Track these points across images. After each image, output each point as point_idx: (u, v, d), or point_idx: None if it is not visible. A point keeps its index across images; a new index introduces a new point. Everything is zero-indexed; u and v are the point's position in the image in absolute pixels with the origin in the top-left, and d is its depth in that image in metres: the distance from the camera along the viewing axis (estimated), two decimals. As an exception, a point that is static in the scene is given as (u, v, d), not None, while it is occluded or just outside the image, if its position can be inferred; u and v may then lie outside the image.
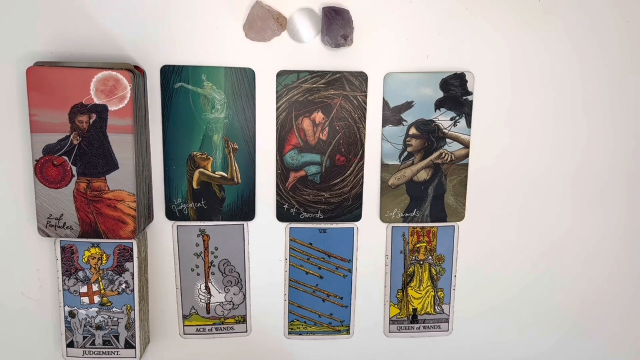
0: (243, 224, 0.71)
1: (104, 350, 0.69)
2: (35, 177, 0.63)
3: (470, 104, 0.69)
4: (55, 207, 0.64)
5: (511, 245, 0.74)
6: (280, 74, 0.67)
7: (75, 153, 0.63)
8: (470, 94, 0.69)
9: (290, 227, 0.71)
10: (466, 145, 0.70)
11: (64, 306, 0.68)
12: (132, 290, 0.68)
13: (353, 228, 0.72)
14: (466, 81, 0.69)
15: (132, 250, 0.67)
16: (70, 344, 0.69)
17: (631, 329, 0.79)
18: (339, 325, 0.74)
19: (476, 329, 0.77)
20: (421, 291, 0.74)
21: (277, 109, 0.68)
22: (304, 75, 0.67)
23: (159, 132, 0.67)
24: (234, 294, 0.73)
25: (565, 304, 0.77)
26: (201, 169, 0.68)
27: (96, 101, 0.62)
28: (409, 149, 0.70)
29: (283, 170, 0.70)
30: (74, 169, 0.63)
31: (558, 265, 0.76)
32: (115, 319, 0.69)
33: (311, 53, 0.67)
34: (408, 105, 0.69)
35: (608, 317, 0.78)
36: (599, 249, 0.76)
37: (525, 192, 0.73)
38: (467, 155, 0.71)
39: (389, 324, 0.75)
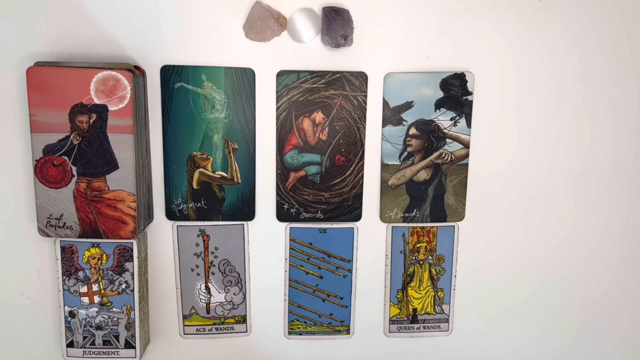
0: (243, 224, 0.71)
1: (104, 350, 0.69)
2: (35, 177, 0.63)
3: (470, 104, 0.69)
4: (55, 207, 0.64)
5: (511, 245, 0.74)
6: (280, 74, 0.67)
7: (75, 153, 0.63)
8: (470, 94, 0.69)
9: (290, 227, 0.71)
10: (466, 145, 0.70)
11: (64, 306, 0.68)
12: (132, 290, 0.68)
13: (353, 228, 0.72)
14: (466, 81, 0.69)
15: (132, 250, 0.67)
16: (70, 344, 0.69)
17: (635, 331, 0.79)
18: (339, 325, 0.74)
19: (476, 329, 0.77)
20: (421, 291, 0.74)
21: (277, 109, 0.68)
22: (304, 75, 0.67)
23: (159, 132, 0.68)
24: (234, 294, 0.73)
25: (566, 303, 0.77)
26: (201, 169, 0.69)
27: (96, 101, 0.62)
28: (409, 149, 0.70)
29: (283, 170, 0.70)
30: (74, 169, 0.63)
31: (559, 264, 0.76)
32: (115, 319, 0.69)
33: (311, 53, 0.67)
34: (408, 105, 0.69)
35: (607, 316, 0.78)
36: (601, 248, 0.76)
37: (525, 192, 0.73)
38: (467, 155, 0.71)
39: (389, 324, 0.75)
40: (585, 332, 0.79)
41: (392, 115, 0.69)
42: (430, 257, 0.74)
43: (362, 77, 0.68)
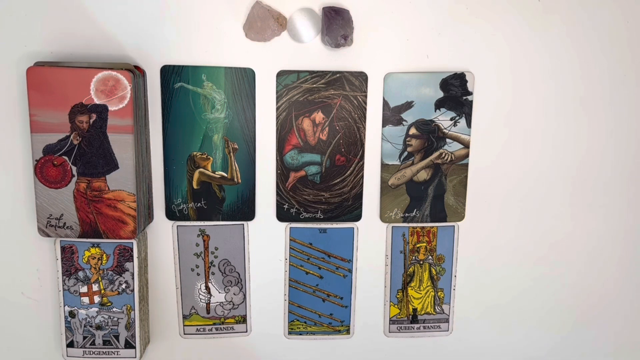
0: (243, 224, 0.71)
1: (104, 350, 0.69)
2: (35, 177, 0.63)
3: (470, 104, 0.69)
4: (55, 207, 0.64)
5: (511, 245, 0.74)
6: (280, 74, 0.67)
7: (75, 153, 0.63)
8: (470, 94, 0.69)
9: (290, 227, 0.71)
10: (466, 145, 0.70)
11: (64, 306, 0.68)
12: (132, 290, 0.68)
13: (353, 228, 0.72)
14: (466, 81, 0.69)
15: (132, 250, 0.67)
16: (70, 344, 0.69)
17: (633, 330, 0.79)
18: (339, 325, 0.74)
19: (476, 329, 0.77)
20: (421, 291, 0.74)
21: (277, 109, 0.68)
22: (304, 75, 0.67)
23: (159, 132, 0.68)
24: (234, 294, 0.73)
25: (566, 303, 0.77)
26: (201, 169, 0.69)
27: (96, 101, 0.62)
28: (409, 149, 0.70)
29: (283, 170, 0.70)
30: (74, 169, 0.63)
31: (558, 264, 0.76)
32: (115, 319, 0.69)
33: (311, 53, 0.67)
34: (408, 105, 0.69)
35: (608, 316, 0.78)
36: (600, 248, 0.76)
37: (525, 192, 0.73)
38: (467, 155, 0.71)
39: (389, 324, 0.75)
40: (586, 332, 0.79)
41: (392, 115, 0.69)
42: (430, 257, 0.74)
43: (362, 77, 0.68)
